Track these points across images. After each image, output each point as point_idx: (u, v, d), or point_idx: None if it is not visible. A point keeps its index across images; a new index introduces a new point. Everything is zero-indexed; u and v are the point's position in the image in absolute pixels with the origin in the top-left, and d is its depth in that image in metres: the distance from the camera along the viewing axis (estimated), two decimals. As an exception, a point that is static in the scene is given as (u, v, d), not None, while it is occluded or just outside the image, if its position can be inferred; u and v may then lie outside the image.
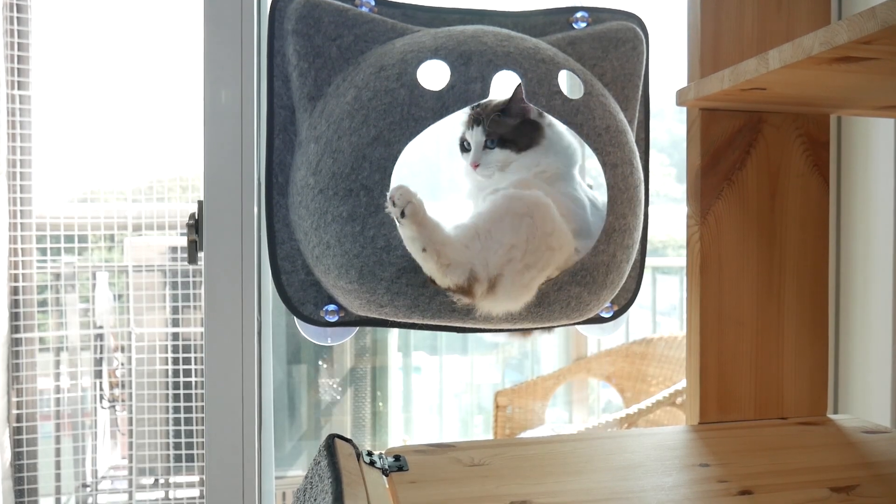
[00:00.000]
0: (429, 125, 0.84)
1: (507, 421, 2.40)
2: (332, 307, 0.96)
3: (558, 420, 2.75)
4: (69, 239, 2.31)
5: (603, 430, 1.91)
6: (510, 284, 0.80)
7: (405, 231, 0.80)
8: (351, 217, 0.84)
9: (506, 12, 1.03)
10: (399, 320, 0.90)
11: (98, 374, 2.36)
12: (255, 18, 1.00)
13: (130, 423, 2.35)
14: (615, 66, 1.00)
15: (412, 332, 2.78)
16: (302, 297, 0.96)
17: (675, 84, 0.88)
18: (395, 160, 0.84)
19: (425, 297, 0.85)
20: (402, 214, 0.78)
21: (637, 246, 0.96)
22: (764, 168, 0.85)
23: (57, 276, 2.34)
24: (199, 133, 1.00)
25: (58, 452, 2.32)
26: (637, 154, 0.96)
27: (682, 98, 0.83)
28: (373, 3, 0.97)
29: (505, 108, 0.93)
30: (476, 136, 0.92)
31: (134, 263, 2.40)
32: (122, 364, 2.46)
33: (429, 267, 0.80)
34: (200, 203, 0.98)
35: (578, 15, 1.04)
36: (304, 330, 0.99)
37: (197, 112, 1.01)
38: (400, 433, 2.73)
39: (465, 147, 0.94)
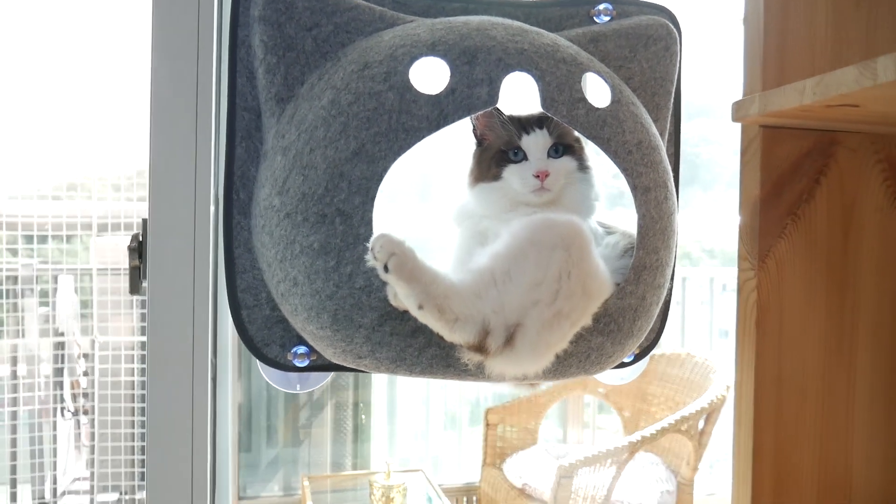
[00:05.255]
0: (422, 138, 0.68)
1: (498, 440, 2.25)
2: (301, 349, 0.80)
3: (552, 438, 2.61)
4: (27, 239, 2.14)
5: (606, 456, 1.77)
6: (534, 338, 0.64)
7: (394, 287, 0.64)
8: (323, 249, 0.68)
9: (516, 2, 0.87)
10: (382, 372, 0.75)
11: (58, 386, 2.19)
12: (214, 0, 0.83)
13: (92, 439, 2.18)
14: (644, 69, 0.85)
15: None
16: (266, 336, 0.80)
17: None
18: (380, 180, 0.68)
19: (414, 348, 0.69)
20: (386, 269, 0.62)
21: (668, 284, 0.81)
22: (836, 200, 0.69)
23: (14, 280, 2.16)
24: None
25: (13, 470, 2.15)
26: (671, 175, 0.80)
27: (740, 112, 0.68)
28: (358, -14, 0.81)
29: None
30: (540, 141, 0.75)
31: (99, 266, 2.22)
32: (87, 373, 2.29)
33: (430, 324, 0.64)
34: (145, 222, 0.82)
35: (601, 7, 0.88)
36: (268, 375, 0.83)
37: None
38: (383, 449, 2.58)
39: (509, 157, 0.77)
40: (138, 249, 0.82)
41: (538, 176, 0.74)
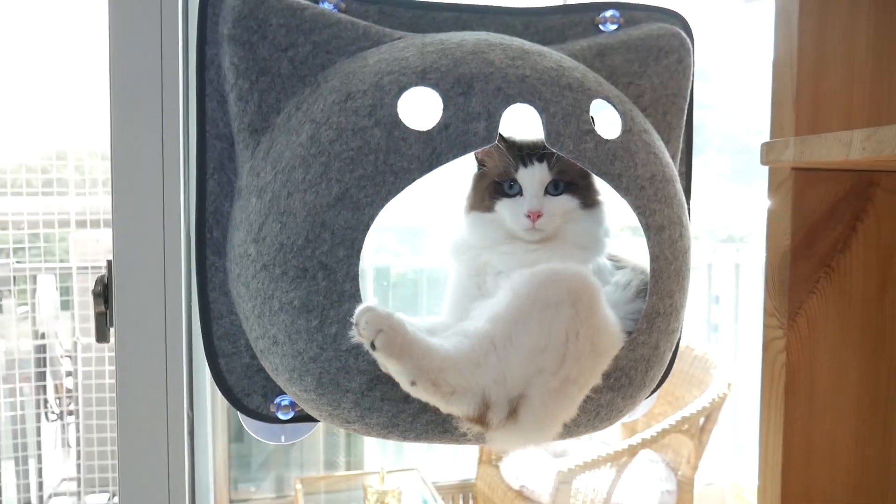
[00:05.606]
0: (413, 180, 0.61)
1: (495, 436, 2.20)
2: (286, 400, 0.74)
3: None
4: (3, 238, 2.05)
5: (606, 460, 1.73)
6: (540, 410, 0.58)
7: (383, 364, 0.58)
8: (305, 307, 0.61)
9: (513, 9, 0.79)
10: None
11: (40, 390, 2.12)
12: (179, 12, 0.74)
13: (79, 443, 2.13)
14: (655, 85, 0.77)
15: (389, 293, 2.54)
16: (246, 385, 0.73)
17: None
18: (367, 230, 0.61)
19: (407, 414, 0.63)
20: (373, 346, 0.55)
21: (681, 326, 0.74)
22: (873, 249, 0.63)
23: (-10, 280, 2.08)
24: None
25: (-4, 476, 2.09)
26: (686, 207, 0.74)
27: (771, 156, 0.60)
28: (338, -2, 0.73)
29: None
30: (538, 176, 0.68)
31: (79, 264, 2.14)
32: (70, 373, 2.23)
33: (423, 399, 0.58)
34: (110, 264, 0.74)
35: (608, 14, 0.80)
36: (250, 427, 0.77)
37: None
38: (377, 442, 2.54)
39: (504, 190, 0.70)
40: (104, 294, 0.74)
41: (530, 216, 0.67)
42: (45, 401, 2.16)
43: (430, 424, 0.63)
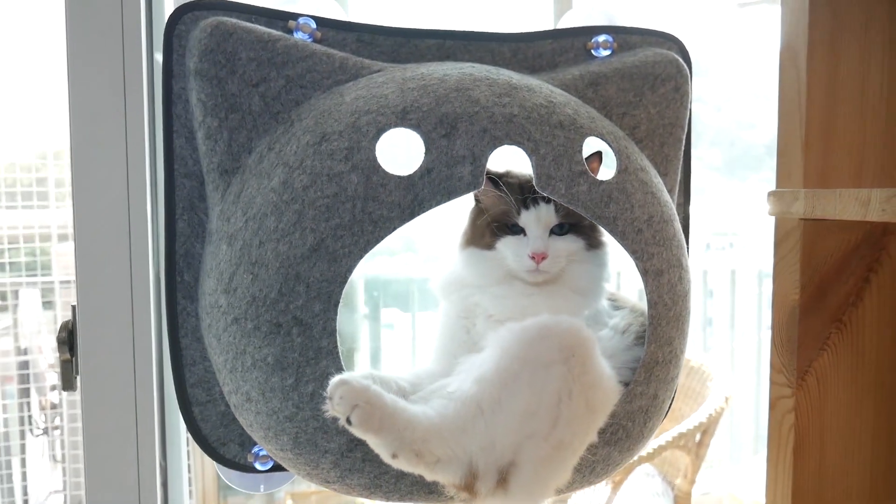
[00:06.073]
0: (394, 229, 0.57)
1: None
2: (264, 450, 0.69)
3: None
4: (-18, 253, 2.00)
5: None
6: (531, 477, 0.54)
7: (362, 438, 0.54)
8: (279, 364, 0.57)
9: (501, 35, 0.75)
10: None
11: (23, 407, 2.08)
12: (143, 44, 0.70)
13: (64, 460, 2.09)
14: (652, 115, 0.73)
15: (381, 293, 2.37)
16: (222, 434, 0.69)
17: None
18: (345, 282, 0.57)
19: (390, 475, 0.59)
20: (349, 422, 0.51)
21: (680, 371, 0.71)
22: (888, 302, 0.59)
23: (-30, 295, 2.03)
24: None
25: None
26: (685, 247, 0.70)
27: (779, 207, 0.56)
28: (314, 27, 0.68)
29: None
30: (543, 218, 0.64)
31: (62, 278, 2.10)
32: (54, 387, 2.18)
33: (407, 469, 0.54)
34: (74, 309, 0.70)
35: (601, 39, 0.76)
36: (227, 476, 0.73)
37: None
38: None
39: (508, 228, 0.66)
40: (69, 341, 0.70)
41: (534, 257, 0.63)
42: (30, 416, 2.11)
43: (414, 486, 0.59)
